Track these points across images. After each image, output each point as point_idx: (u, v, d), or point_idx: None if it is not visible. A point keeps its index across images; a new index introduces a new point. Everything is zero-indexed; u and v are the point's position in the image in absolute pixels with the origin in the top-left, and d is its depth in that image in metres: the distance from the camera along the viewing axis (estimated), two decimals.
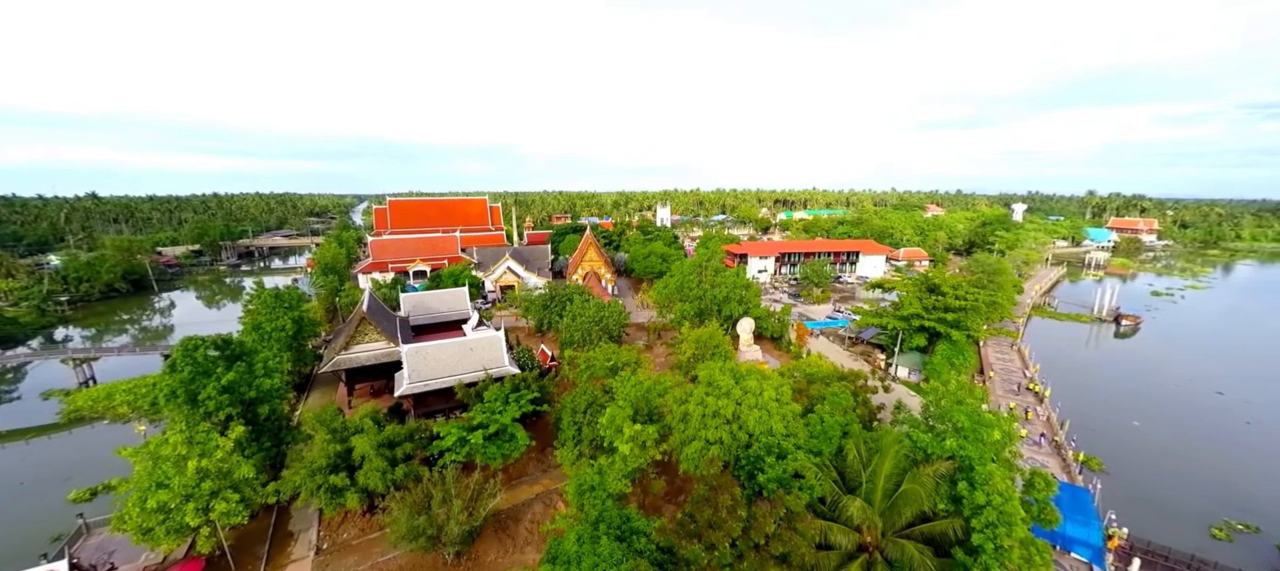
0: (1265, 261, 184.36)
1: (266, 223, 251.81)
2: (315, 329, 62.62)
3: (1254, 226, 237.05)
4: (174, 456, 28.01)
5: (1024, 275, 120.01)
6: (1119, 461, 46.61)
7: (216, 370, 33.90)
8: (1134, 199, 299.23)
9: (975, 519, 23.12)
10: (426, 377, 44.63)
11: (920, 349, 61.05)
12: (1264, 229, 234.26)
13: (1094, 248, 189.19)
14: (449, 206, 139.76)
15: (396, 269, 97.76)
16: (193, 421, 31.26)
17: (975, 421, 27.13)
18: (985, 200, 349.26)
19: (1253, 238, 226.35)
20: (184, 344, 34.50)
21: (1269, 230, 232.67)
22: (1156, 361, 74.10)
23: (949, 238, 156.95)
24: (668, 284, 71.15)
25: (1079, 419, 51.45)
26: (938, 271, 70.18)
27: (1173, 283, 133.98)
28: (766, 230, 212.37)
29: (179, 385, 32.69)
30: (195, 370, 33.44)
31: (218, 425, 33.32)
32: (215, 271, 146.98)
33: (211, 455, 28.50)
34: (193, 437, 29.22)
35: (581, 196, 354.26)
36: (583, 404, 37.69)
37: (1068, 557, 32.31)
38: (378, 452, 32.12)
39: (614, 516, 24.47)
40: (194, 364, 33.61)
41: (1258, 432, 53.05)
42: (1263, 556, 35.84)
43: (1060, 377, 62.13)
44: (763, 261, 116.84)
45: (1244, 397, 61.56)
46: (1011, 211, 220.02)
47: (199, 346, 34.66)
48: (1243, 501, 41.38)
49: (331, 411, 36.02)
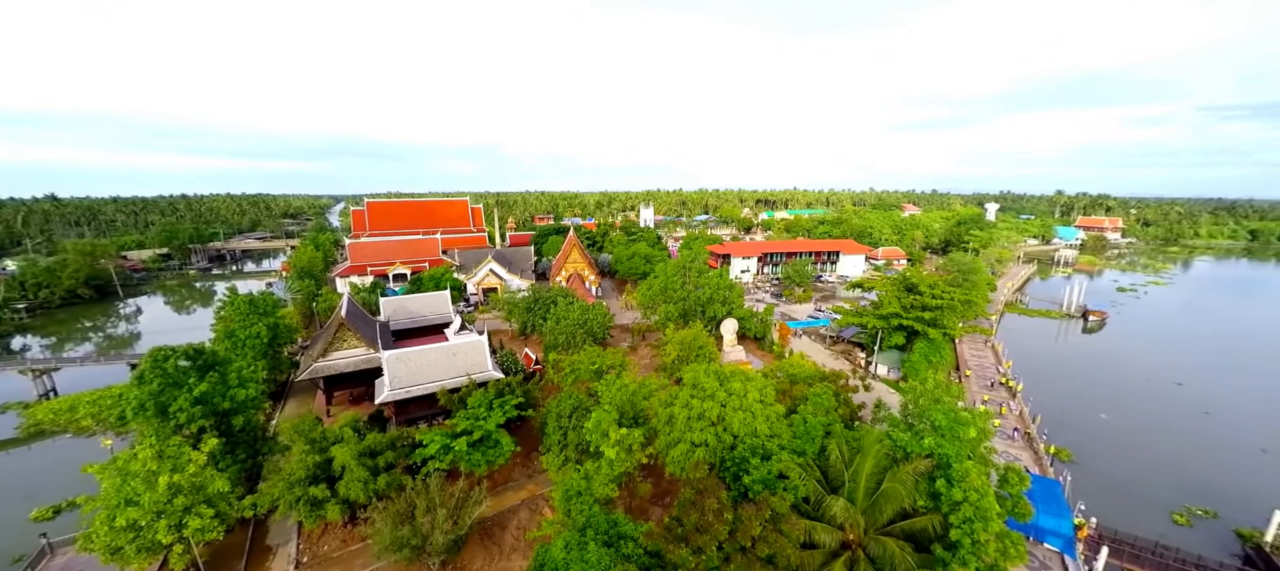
0: (1221, 257, 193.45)
1: (238, 225, 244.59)
2: (291, 335, 61.15)
3: (1211, 224, 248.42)
4: (144, 472, 27.07)
5: (997, 273, 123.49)
6: (1087, 452, 48.40)
7: (188, 381, 32.83)
8: (1100, 198, 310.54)
9: (953, 515, 23.78)
10: (408, 384, 43.95)
11: (899, 347, 62.40)
12: (1219, 226, 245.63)
13: (1063, 245, 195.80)
14: (429, 208, 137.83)
15: (376, 272, 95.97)
16: (163, 435, 30.24)
17: (952, 419, 27.91)
18: (960, 199, 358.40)
19: (1209, 235, 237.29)
20: (153, 354, 33.30)
21: (1224, 228, 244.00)
22: (1122, 355, 77.12)
23: (926, 237, 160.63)
24: (652, 285, 71.30)
25: (1049, 412, 53.27)
26: (915, 271, 71.80)
27: (1136, 279, 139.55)
28: (749, 230, 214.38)
29: (148, 397, 31.55)
30: (165, 381, 32.33)
31: (190, 438, 32.30)
32: (184, 276, 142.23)
33: (184, 469, 27.63)
34: (163, 452, 28.27)
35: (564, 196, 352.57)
36: (568, 408, 37.55)
37: (1040, 548, 33.38)
38: (359, 462, 31.53)
39: (601, 522, 24.50)
40: (163, 375, 32.48)
41: (1215, 422, 55.63)
42: (1221, 540, 37.64)
43: (1032, 372, 64.18)
44: (746, 261, 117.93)
45: (1202, 388, 64.54)
46: (985, 211, 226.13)
47: (169, 357, 33.49)
48: (1202, 488, 43.38)
49: (310, 421, 35.25)
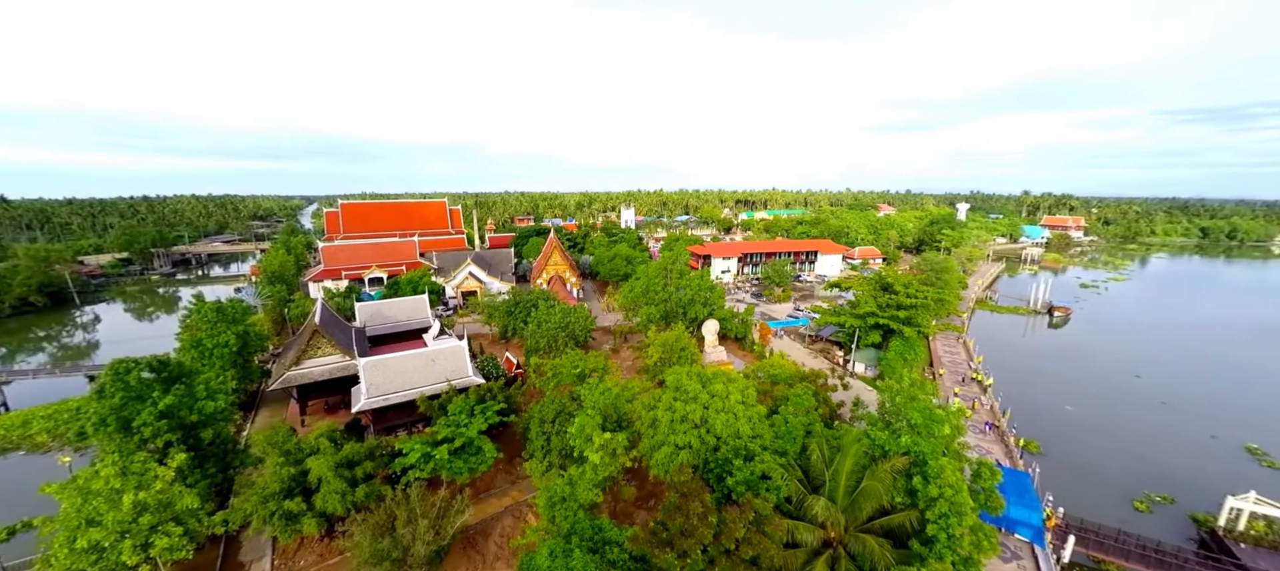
0: (1175, 254, 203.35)
1: (204, 228, 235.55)
2: (262, 343, 59.29)
3: (1166, 223, 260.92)
4: (106, 490, 25.89)
5: (968, 271, 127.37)
6: (1054, 443, 50.26)
7: (152, 394, 31.50)
8: (1064, 198, 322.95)
9: (929, 510, 24.48)
10: (386, 391, 43.08)
11: (876, 345, 63.81)
12: (1174, 225, 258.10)
13: (1029, 244, 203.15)
14: (406, 209, 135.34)
15: (350, 276, 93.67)
16: (126, 451, 28.92)
17: (927, 418, 28.71)
18: (932, 199, 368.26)
19: (1165, 233, 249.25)
20: (114, 367, 31.88)
21: (1178, 226, 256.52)
22: (1085, 349, 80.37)
23: (900, 236, 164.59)
24: (633, 287, 71.41)
25: (1018, 405, 55.18)
26: (890, 270, 73.52)
27: (1098, 275, 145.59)
28: (729, 230, 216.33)
29: (109, 412, 30.18)
30: (127, 395, 30.96)
31: (156, 453, 31.01)
32: (146, 281, 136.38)
33: (150, 486, 26.54)
34: (127, 468, 27.08)
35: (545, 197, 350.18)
36: (551, 413, 37.33)
37: (1012, 538, 34.57)
38: (336, 473, 30.76)
39: (586, 528, 24.44)
40: (126, 388, 31.10)
41: (1171, 411, 58.47)
42: (1177, 526, 39.55)
43: (1001, 367, 66.39)
44: (726, 262, 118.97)
45: (1159, 379, 67.79)
46: (956, 210, 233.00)
47: (131, 369, 32.10)
48: (1160, 475, 45.51)
49: (283, 432, 34.22)
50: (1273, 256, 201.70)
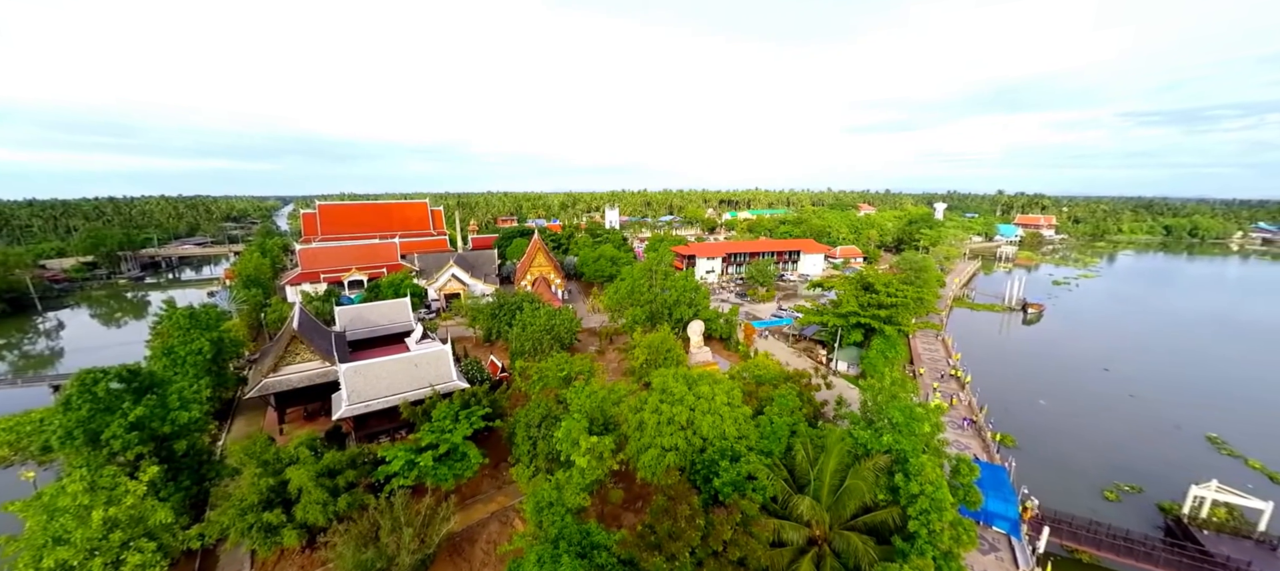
0: (1140, 251, 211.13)
1: (175, 230, 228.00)
2: (237, 349, 57.69)
3: (1131, 221, 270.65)
4: (74, 506, 24.95)
5: (946, 270, 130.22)
6: (1029, 437, 51.70)
7: (122, 405, 30.47)
8: (1036, 197, 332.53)
9: (911, 507, 25.03)
10: (367, 398, 42.30)
11: (858, 344, 64.88)
12: (1139, 222, 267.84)
13: (1004, 242, 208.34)
14: (386, 210, 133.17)
15: (329, 279, 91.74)
16: (95, 465, 27.94)
17: (908, 416, 29.35)
18: (911, 199, 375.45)
19: (1130, 230, 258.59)
20: (81, 377, 30.70)
21: (1143, 224, 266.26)
22: (1057, 344, 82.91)
23: (880, 235, 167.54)
24: (619, 288, 71.38)
25: (995, 400, 56.69)
26: (871, 269, 74.87)
27: (1069, 272, 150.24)
28: (713, 230, 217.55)
29: (76, 424, 29.06)
30: (95, 406, 29.88)
31: (126, 466, 29.98)
32: (113, 286, 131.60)
33: (120, 501, 25.64)
34: (96, 483, 26.14)
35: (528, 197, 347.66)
36: (537, 417, 37.11)
37: (989, 531, 35.50)
38: (317, 483, 30.13)
39: (574, 533, 24.38)
40: (93, 400, 30.01)
41: (1139, 403, 60.64)
42: (1145, 514, 41.07)
43: (979, 363, 68.12)
44: (710, 262, 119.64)
45: (1126, 372, 70.28)
46: (934, 210, 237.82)
47: (99, 379, 30.98)
48: (1129, 465, 47.19)
49: (261, 441, 33.42)
50: (1231, 253, 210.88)
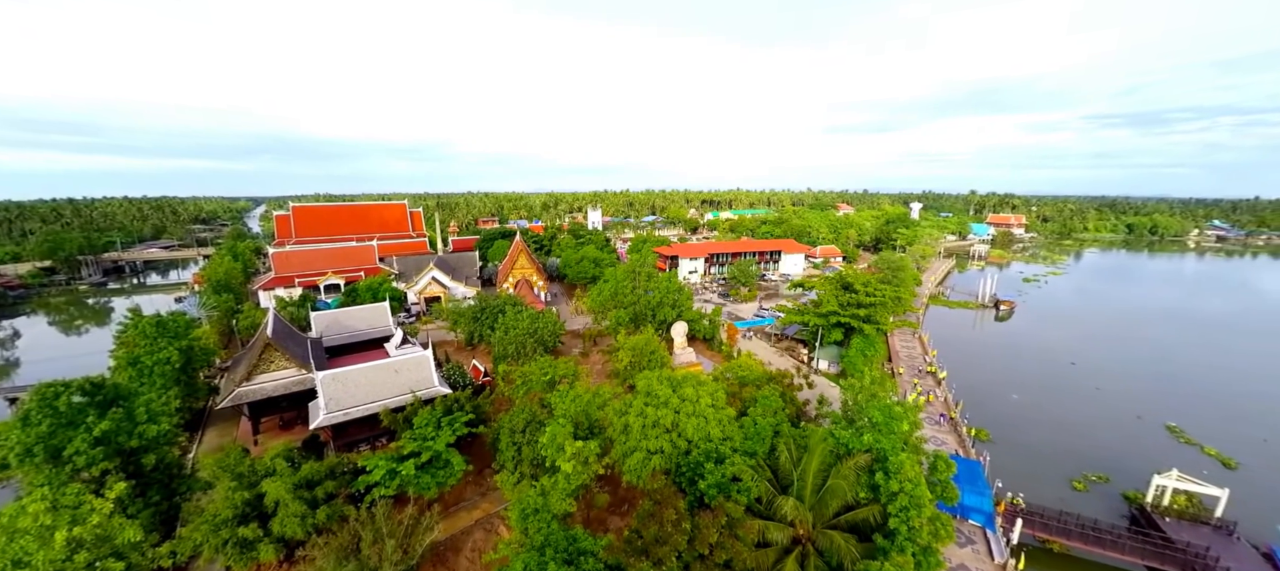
0: (1105, 248, 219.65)
1: (139, 232, 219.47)
2: (208, 357, 55.88)
3: (1096, 219, 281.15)
4: (36, 528, 23.86)
5: (922, 268, 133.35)
6: (1002, 430, 53.26)
7: (86, 420, 29.22)
8: (1006, 197, 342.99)
9: (891, 505, 25.61)
10: (346, 406, 41.45)
11: (838, 342, 66.01)
12: (1104, 221, 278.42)
13: (977, 241, 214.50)
14: (364, 212, 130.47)
15: (304, 283, 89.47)
16: (57, 483, 26.76)
17: (887, 415, 30.04)
18: (888, 198, 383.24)
19: (1095, 229, 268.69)
20: (40, 391, 29.32)
21: (1107, 222, 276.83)
22: (1028, 339, 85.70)
23: (858, 235, 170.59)
24: (602, 290, 71.23)
25: (969, 396, 58.26)
26: (851, 269, 76.25)
27: (1038, 269, 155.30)
28: (695, 230, 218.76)
29: (36, 441, 27.71)
30: (57, 421, 28.58)
31: (91, 483, 28.77)
32: (74, 292, 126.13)
33: (85, 520, 24.62)
34: (58, 502, 25.07)
35: (509, 198, 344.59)
36: (521, 422, 36.82)
37: (965, 524, 36.53)
38: (295, 495, 29.37)
39: (560, 539, 24.28)
40: (55, 414, 28.70)
41: (1104, 395, 63.08)
42: (1111, 503, 42.76)
43: (954, 360, 69.95)
44: (693, 262, 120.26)
45: (1092, 365, 73.07)
46: (910, 209, 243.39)
47: (61, 393, 29.67)
48: (1095, 455, 49.04)
49: (235, 453, 32.43)
50: (1188, 250, 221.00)
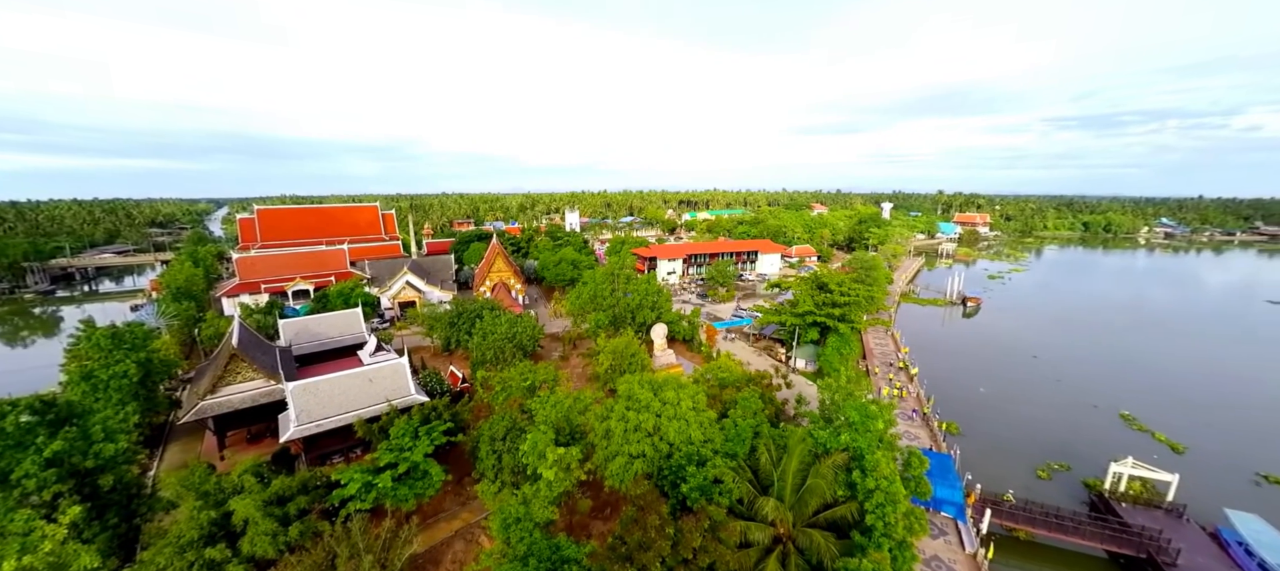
0: (1063, 245, 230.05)
1: (91, 236, 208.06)
2: (169, 369, 53.43)
3: (1055, 218, 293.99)
4: None
5: (893, 267, 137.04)
6: (971, 423, 55.13)
7: (36, 440, 27.64)
8: (972, 197, 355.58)
9: (867, 502, 26.31)
10: (318, 417, 40.23)
11: (814, 341, 67.35)
12: (1062, 219, 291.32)
13: (944, 239, 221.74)
14: (333, 214, 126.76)
15: (271, 289, 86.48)
16: (5, 509, 25.24)
17: (863, 414, 30.83)
18: (860, 198, 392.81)
19: (1054, 226, 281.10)
20: None
21: (1065, 220, 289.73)
22: (993, 334, 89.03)
23: (832, 234, 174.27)
24: (581, 293, 70.93)
25: (940, 390, 60.20)
26: (826, 269, 77.86)
27: (1002, 266, 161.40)
28: (673, 231, 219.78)
29: None
30: (3, 443, 27.00)
31: (42, 508, 27.22)
32: (18, 301, 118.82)
33: (36, 548, 23.25)
34: (6, 529, 23.65)
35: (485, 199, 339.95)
36: (501, 429, 36.39)
37: (938, 516, 37.78)
38: (265, 512, 28.37)
39: (544, 548, 24.14)
40: (1, 435, 27.13)
41: (1064, 386, 65.99)
42: (1072, 490, 44.75)
43: (925, 355, 72.16)
44: (671, 263, 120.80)
45: (1053, 357, 76.38)
46: (881, 209, 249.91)
47: (7, 413, 28.01)
48: (1057, 445, 51.24)
49: (200, 470, 31.14)
50: (1139, 246, 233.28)
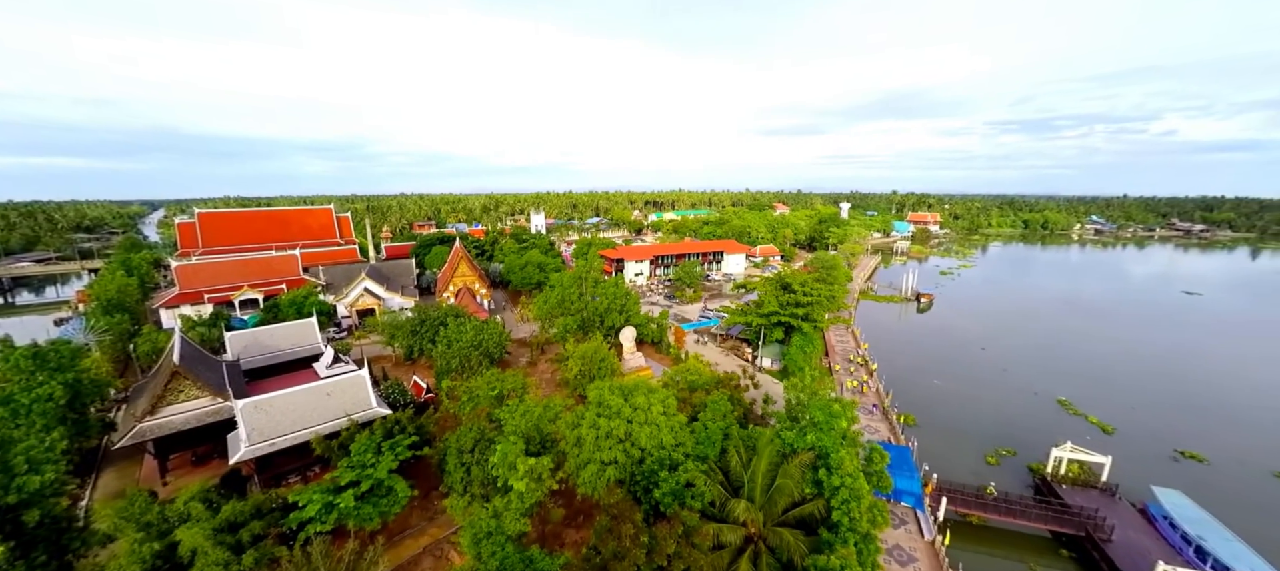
0: (1006, 242, 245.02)
1: (5, 243, 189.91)
2: (100, 389, 49.48)
3: (999, 216, 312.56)
4: None
5: (852, 265, 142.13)
6: (926, 414, 57.77)
7: None
8: (923, 197, 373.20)
9: (834, 498, 27.24)
10: (271, 436, 38.17)
11: (779, 340, 69.03)
12: (1005, 218, 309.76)
13: (898, 238, 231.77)
14: (283, 217, 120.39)
15: (215, 299, 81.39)
16: None
17: (827, 413, 31.89)
18: (820, 198, 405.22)
19: (998, 225, 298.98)
20: None
21: (1007, 219, 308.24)
22: (945, 328, 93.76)
23: (795, 234, 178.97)
24: (548, 297, 70.22)
25: (898, 383, 62.90)
26: (789, 269, 79.93)
27: (952, 263, 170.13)
28: (639, 232, 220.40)
29: None
30: None
31: None
32: None
33: None
34: None
35: (446, 200, 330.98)
36: (469, 441, 35.58)
37: (898, 506, 39.50)
38: (215, 541, 26.74)
39: (516, 562, 23.81)
40: None
41: (1009, 376, 70.26)
42: (1019, 475, 47.67)
43: (883, 350, 75.26)
44: (639, 264, 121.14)
45: (999, 349, 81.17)
46: (840, 209, 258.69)
47: None
48: (1004, 432, 54.47)
49: (140, 499, 29.04)
50: (1072, 242, 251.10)
